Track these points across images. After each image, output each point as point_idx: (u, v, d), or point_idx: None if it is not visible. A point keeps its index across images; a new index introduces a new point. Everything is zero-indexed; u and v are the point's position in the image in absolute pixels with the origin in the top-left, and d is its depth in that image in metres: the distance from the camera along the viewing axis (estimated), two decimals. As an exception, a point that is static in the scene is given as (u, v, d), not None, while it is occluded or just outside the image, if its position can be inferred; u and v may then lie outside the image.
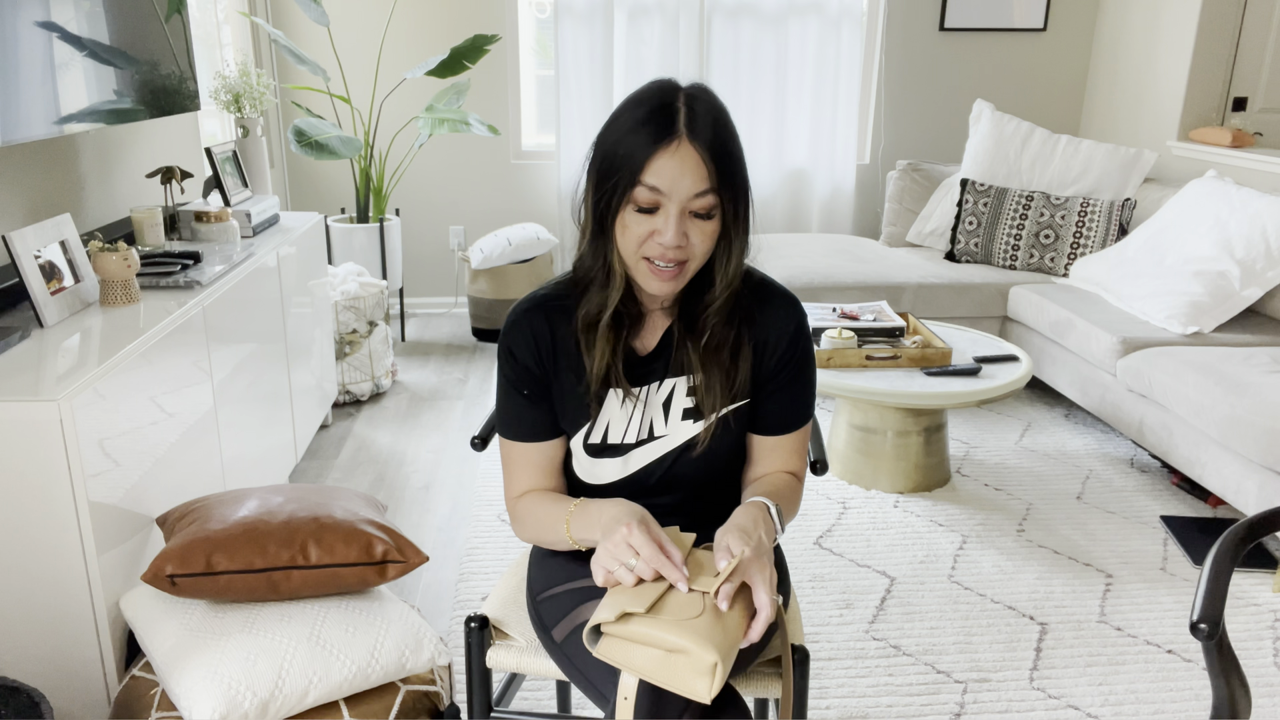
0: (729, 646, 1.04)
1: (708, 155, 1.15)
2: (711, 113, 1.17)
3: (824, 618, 2.25)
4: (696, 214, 1.17)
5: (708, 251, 1.20)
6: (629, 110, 1.18)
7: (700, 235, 1.18)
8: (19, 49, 1.86)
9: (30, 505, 1.54)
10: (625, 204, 1.17)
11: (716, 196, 1.16)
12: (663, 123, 1.15)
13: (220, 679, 1.38)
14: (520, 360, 1.29)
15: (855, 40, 4.43)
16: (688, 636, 1.02)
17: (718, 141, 1.16)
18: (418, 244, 4.66)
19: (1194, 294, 3.08)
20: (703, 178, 1.15)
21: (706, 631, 1.03)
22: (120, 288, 2.03)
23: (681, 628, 1.03)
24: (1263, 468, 2.42)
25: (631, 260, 1.21)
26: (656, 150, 1.14)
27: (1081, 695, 1.99)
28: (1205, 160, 3.86)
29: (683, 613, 1.05)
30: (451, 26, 4.35)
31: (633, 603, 1.05)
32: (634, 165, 1.15)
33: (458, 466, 3.04)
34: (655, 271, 1.19)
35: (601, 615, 1.06)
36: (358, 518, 1.59)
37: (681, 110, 1.16)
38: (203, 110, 3.34)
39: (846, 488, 2.91)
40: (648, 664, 1.04)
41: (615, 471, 1.32)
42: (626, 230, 1.18)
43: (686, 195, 1.15)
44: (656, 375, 1.30)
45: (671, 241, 1.16)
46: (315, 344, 3.06)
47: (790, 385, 1.32)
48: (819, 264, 3.75)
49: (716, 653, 1.01)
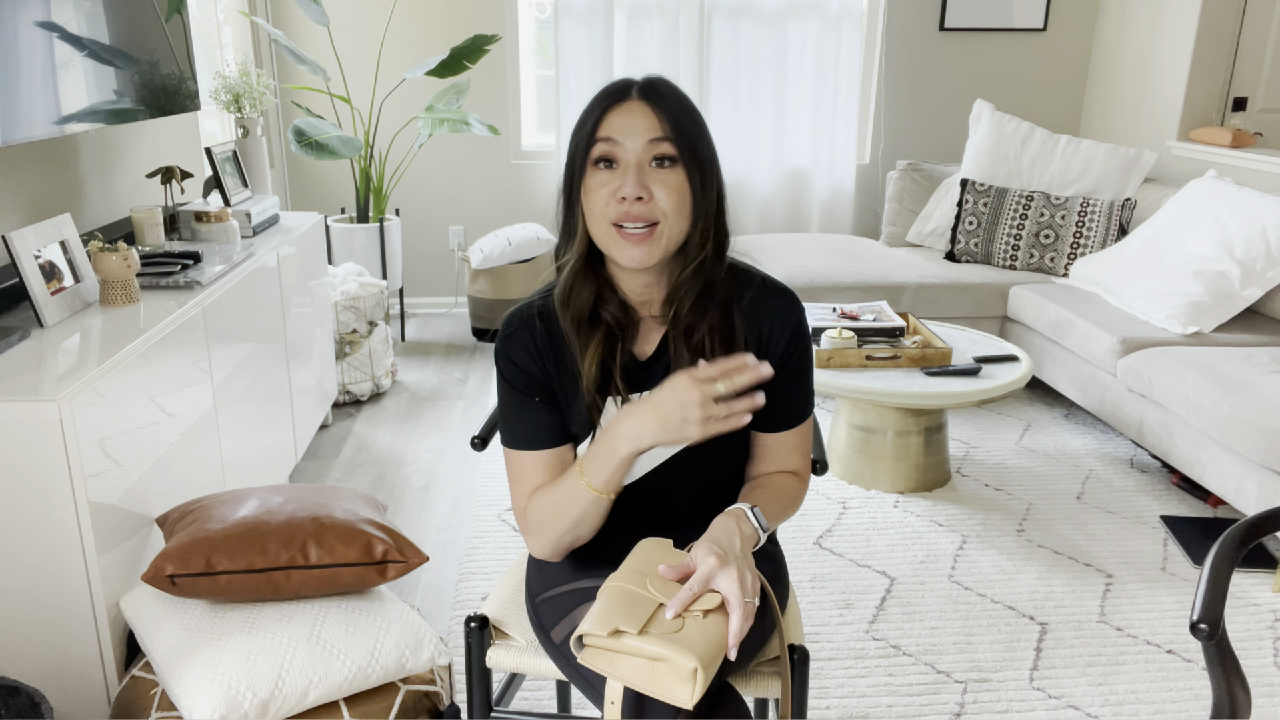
0: (711, 653, 1.05)
1: (662, 110, 1.18)
2: (669, 88, 1.21)
3: (824, 618, 2.25)
4: (657, 163, 1.18)
5: (679, 212, 1.19)
6: (590, 101, 1.23)
7: (664, 188, 1.17)
8: (19, 49, 1.86)
9: (30, 505, 1.54)
10: (586, 168, 1.19)
11: (674, 145, 1.17)
12: (615, 92, 1.20)
13: (220, 679, 1.38)
14: (523, 367, 1.27)
15: (855, 40, 4.43)
16: (667, 645, 1.04)
17: (673, 103, 1.19)
18: (418, 244, 4.66)
19: (1194, 294, 3.08)
20: (655, 126, 1.17)
21: (687, 640, 1.05)
22: (120, 288, 2.03)
23: (662, 638, 1.05)
24: (1263, 468, 2.42)
25: (603, 233, 1.20)
26: (609, 108, 1.19)
27: (1081, 695, 1.99)
28: (1205, 160, 3.86)
29: (665, 626, 1.07)
30: (451, 26, 4.35)
31: (626, 621, 1.06)
32: (589, 130, 1.19)
33: (458, 466, 3.04)
34: (625, 236, 1.18)
35: (589, 628, 1.07)
36: (358, 518, 1.59)
37: (636, 82, 1.21)
38: (203, 110, 3.34)
39: (846, 488, 2.91)
40: (630, 672, 1.06)
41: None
42: (590, 196, 1.19)
43: (642, 143, 1.17)
44: (656, 379, 1.28)
45: (632, 191, 1.15)
46: (315, 344, 3.06)
47: (790, 382, 1.32)
48: (819, 264, 3.75)
49: (696, 659, 1.03)
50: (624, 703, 1.10)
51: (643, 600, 1.10)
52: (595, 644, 1.08)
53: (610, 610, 1.08)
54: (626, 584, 1.12)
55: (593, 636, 1.07)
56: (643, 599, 1.10)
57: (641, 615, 1.07)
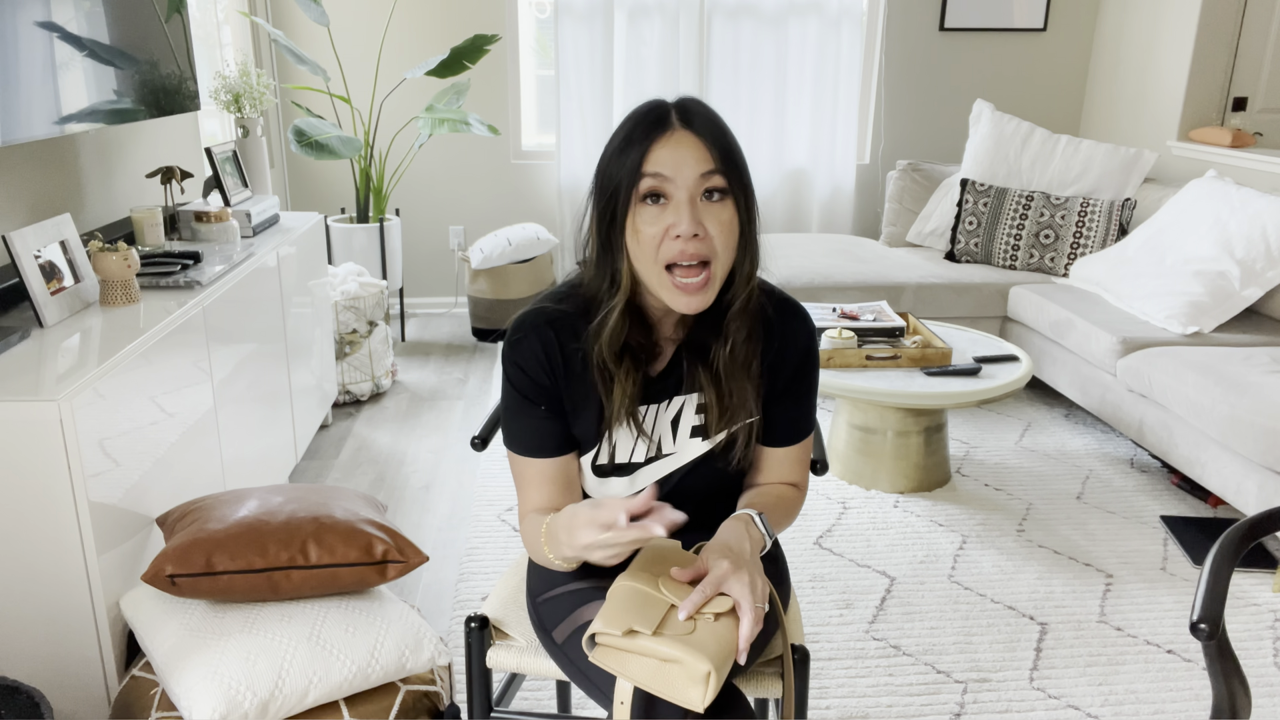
0: (723, 656, 1.05)
1: (708, 139, 1.13)
2: (705, 111, 1.17)
3: (824, 618, 2.25)
4: (708, 197, 1.14)
5: (728, 247, 1.16)
6: (621, 129, 1.17)
7: (716, 224, 1.14)
8: (19, 49, 1.86)
9: (30, 505, 1.54)
10: (631, 204, 1.14)
11: (724, 178, 1.13)
12: (656, 121, 1.14)
13: (220, 679, 1.38)
14: (531, 375, 1.24)
15: (855, 40, 4.43)
16: (680, 647, 1.03)
17: (716, 130, 1.15)
18: (418, 244, 4.66)
19: (1194, 294, 3.08)
20: (706, 158, 1.13)
21: (700, 642, 1.04)
22: (120, 288, 2.03)
23: (676, 640, 1.04)
24: (1263, 468, 2.42)
25: (653, 276, 1.15)
26: (653, 142, 1.13)
27: (1081, 695, 1.99)
28: (1205, 160, 3.86)
29: (678, 628, 1.06)
30: (451, 26, 4.35)
31: (640, 621, 1.05)
32: (634, 163, 1.13)
33: (458, 466, 3.04)
34: (680, 286, 1.14)
35: (603, 627, 1.06)
36: (358, 518, 1.59)
37: (673, 110, 1.16)
38: (203, 110, 3.34)
39: (846, 488, 2.91)
40: (641, 673, 1.05)
41: (622, 490, 1.30)
42: (639, 235, 1.14)
43: (693, 177, 1.12)
44: (667, 394, 1.28)
45: (688, 229, 1.11)
46: (315, 344, 3.06)
47: (799, 398, 1.32)
48: (819, 264, 3.75)
49: (710, 662, 1.02)
50: (633, 703, 1.09)
51: (655, 601, 1.09)
52: (608, 643, 1.07)
53: (623, 609, 1.07)
54: (638, 584, 1.11)
55: (606, 635, 1.06)
56: (655, 599, 1.09)
57: (655, 616, 1.07)
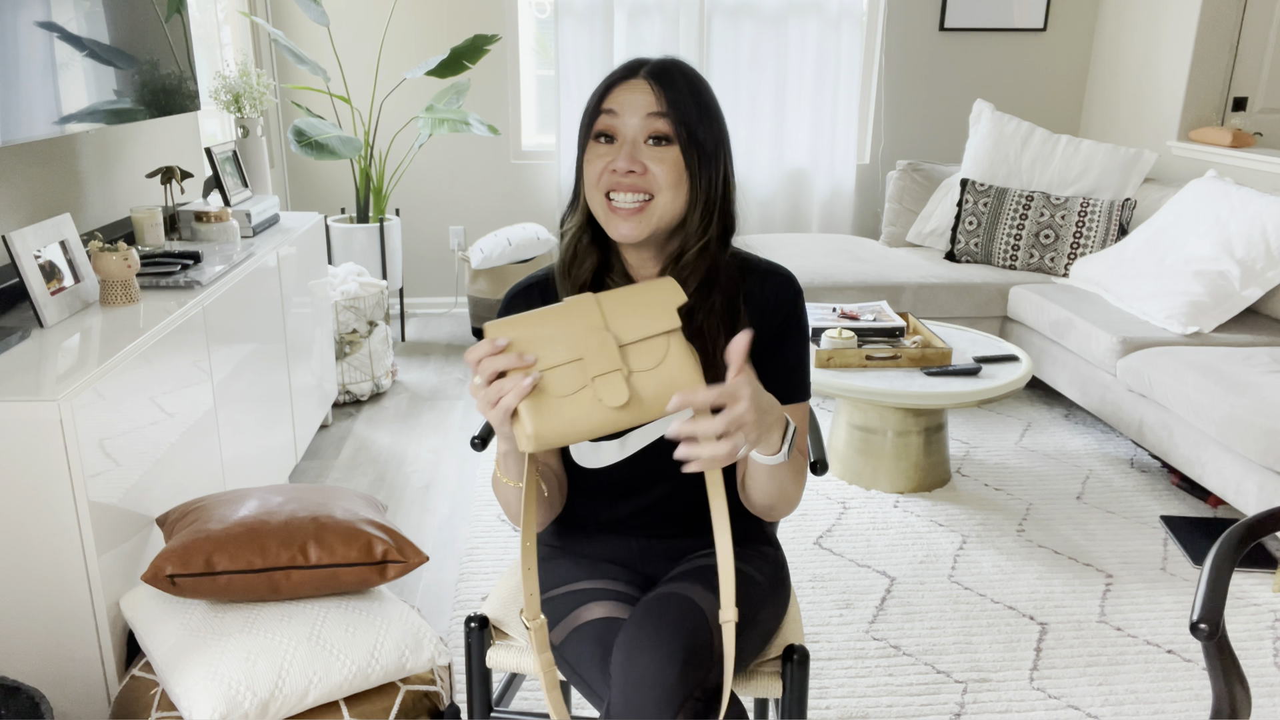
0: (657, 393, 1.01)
1: (664, 88, 1.19)
2: (679, 67, 1.23)
3: (824, 618, 2.25)
4: (654, 141, 1.19)
5: (671, 186, 1.19)
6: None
7: (658, 163, 1.18)
8: (19, 49, 1.86)
9: (30, 505, 1.54)
10: (589, 140, 1.22)
11: (669, 124, 1.18)
12: (628, 70, 1.23)
13: (220, 679, 1.38)
14: None
15: (855, 40, 4.43)
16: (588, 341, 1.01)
17: (676, 82, 1.20)
18: (418, 244, 4.66)
19: (1194, 294, 3.08)
20: (653, 102, 1.19)
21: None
22: (120, 288, 2.03)
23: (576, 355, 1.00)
24: (1263, 468, 2.42)
25: (597, 204, 1.22)
26: (615, 86, 1.21)
27: (1081, 695, 1.99)
28: (1205, 160, 3.86)
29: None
30: (451, 26, 4.35)
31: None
32: (594, 102, 1.22)
33: (458, 466, 3.04)
34: (615, 210, 1.20)
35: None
36: (358, 518, 1.59)
37: (648, 62, 1.23)
38: (203, 110, 3.33)
39: (846, 488, 2.91)
40: (581, 412, 0.99)
41: (613, 454, 1.30)
42: (588, 166, 1.22)
43: (638, 118, 1.18)
44: None
45: (623, 165, 1.17)
46: (315, 344, 3.06)
47: (788, 355, 1.31)
48: (819, 264, 3.75)
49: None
50: (611, 701, 1.09)
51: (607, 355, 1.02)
52: (525, 417, 0.98)
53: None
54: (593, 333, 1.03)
55: (525, 417, 0.98)
56: (608, 354, 1.02)
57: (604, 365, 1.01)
